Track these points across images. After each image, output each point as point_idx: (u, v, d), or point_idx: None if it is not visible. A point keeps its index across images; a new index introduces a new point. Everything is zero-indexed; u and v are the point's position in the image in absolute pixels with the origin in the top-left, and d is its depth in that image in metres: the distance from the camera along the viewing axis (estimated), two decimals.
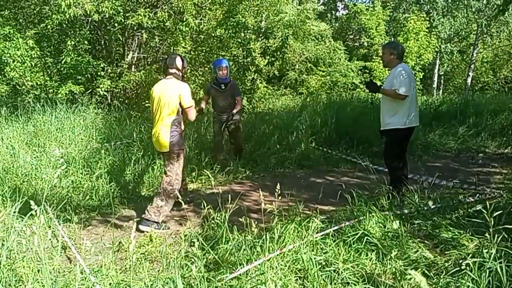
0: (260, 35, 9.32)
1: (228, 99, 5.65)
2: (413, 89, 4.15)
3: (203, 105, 5.46)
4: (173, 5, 7.98)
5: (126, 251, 3.12)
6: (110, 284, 2.45)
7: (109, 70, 8.18)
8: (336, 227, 3.05)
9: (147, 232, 3.60)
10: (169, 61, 3.94)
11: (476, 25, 19.30)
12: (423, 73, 17.79)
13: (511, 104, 9.53)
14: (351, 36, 22.37)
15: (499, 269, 2.27)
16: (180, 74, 3.96)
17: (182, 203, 3.12)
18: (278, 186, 2.86)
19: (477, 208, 2.69)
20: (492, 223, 2.49)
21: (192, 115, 3.91)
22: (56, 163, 4.47)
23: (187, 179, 4.71)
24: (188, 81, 9.09)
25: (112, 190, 4.51)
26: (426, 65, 18.06)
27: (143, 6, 7.82)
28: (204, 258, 2.72)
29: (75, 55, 7.42)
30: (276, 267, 2.50)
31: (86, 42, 7.86)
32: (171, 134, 3.79)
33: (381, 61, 18.70)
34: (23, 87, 7.68)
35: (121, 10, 7.19)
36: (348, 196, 3.59)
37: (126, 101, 8.71)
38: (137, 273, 2.72)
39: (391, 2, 19.02)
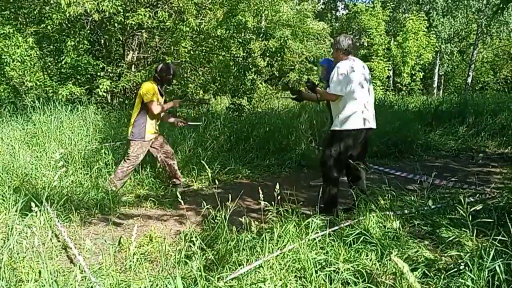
0: (260, 35, 9.29)
1: None
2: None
3: None
4: (173, 4, 7.97)
5: (126, 251, 3.12)
6: (110, 284, 2.44)
7: (109, 70, 8.18)
8: (336, 227, 3.05)
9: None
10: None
11: (476, 25, 19.29)
12: (423, 73, 17.78)
13: (511, 104, 9.53)
14: (351, 36, 22.34)
15: (498, 269, 2.27)
16: (159, 77, 4.69)
17: (182, 202, 3.13)
18: (277, 186, 2.86)
19: (477, 208, 2.69)
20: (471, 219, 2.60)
21: (154, 109, 4.53)
22: (56, 164, 4.47)
23: (179, 173, 4.97)
24: (187, 81, 9.13)
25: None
26: (426, 65, 18.06)
27: (143, 5, 7.81)
28: (203, 258, 2.72)
29: (75, 55, 7.40)
30: (276, 267, 2.50)
31: (86, 42, 7.85)
32: (133, 125, 4.60)
33: (380, 61, 18.69)
34: (23, 87, 7.68)
35: (121, 10, 7.17)
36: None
37: (126, 101, 8.70)
38: (137, 273, 2.72)
39: (391, 2, 19.01)
